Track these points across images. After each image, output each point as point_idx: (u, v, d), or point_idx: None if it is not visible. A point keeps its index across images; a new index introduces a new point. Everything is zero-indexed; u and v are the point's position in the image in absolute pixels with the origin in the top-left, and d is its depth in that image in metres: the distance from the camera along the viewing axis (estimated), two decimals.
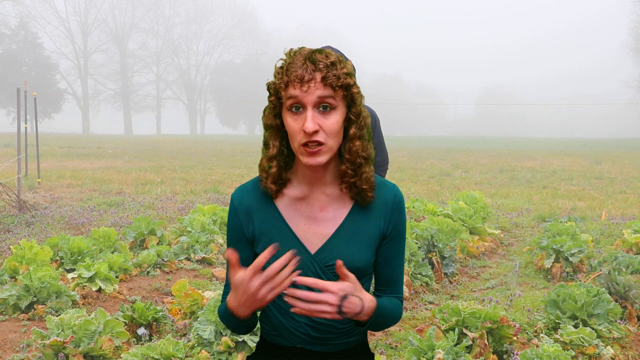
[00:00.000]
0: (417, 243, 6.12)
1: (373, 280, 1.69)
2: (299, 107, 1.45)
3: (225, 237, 7.75)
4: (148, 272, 6.11)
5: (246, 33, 77.06)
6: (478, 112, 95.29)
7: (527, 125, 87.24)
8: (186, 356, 3.78)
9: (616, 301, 4.65)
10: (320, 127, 1.45)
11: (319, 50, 1.49)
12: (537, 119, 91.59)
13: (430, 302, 5.47)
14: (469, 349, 3.72)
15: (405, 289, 5.47)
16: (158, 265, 6.29)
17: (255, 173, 17.59)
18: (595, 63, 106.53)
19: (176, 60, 74.26)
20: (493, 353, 3.82)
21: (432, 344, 3.56)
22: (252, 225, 1.58)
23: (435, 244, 6.27)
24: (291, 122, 1.46)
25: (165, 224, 7.89)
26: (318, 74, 1.44)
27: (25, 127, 12.68)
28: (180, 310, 4.57)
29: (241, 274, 1.38)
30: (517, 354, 3.63)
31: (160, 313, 4.42)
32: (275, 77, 1.49)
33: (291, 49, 1.51)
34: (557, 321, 4.31)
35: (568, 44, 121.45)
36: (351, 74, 1.49)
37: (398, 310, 1.63)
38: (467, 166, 21.47)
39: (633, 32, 54.38)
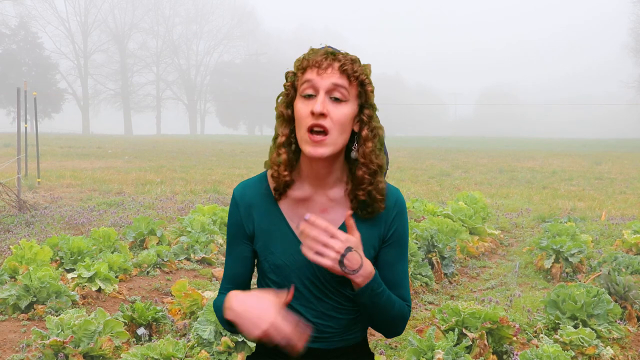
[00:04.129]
0: (417, 243, 6.12)
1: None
2: (311, 94, 1.47)
3: (225, 237, 7.71)
4: (148, 272, 6.11)
5: (246, 33, 77.06)
6: (478, 112, 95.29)
7: (527, 125, 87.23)
8: (186, 356, 3.78)
9: (616, 301, 4.65)
10: (328, 113, 1.45)
11: (338, 51, 1.54)
12: (537, 119, 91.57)
13: (430, 303, 5.47)
14: (468, 349, 3.72)
15: None
16: (158, 265, 6.29)
17: (254, 173, 17.55)
18: (595, 65, 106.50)
19: (176, 60, 74.28)
20: (493, 353, 3.82)
21: (432, 344, 3.56)
22: (252, 221, 1.59)
23: (435, 244, 6.28)
24: (301, 107, 1.48)
25: (165, 224, 7.89)
26: (336, 63, 1.47)
27: (25, 127, 12.69)
28: (180, 311, 4.57)
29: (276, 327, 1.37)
30: (516, 355, 3.63)
31: (160, 313, 4.42)
32: (294, 65, 1.52)
33: (311, 47, 1.55)
34: (556, 321, 4.31)
35: (568, 46, 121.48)
36: (368, 75, 1.51)
37: (402, 308, 1.59)
38: (467, 166, 21.48)
39: (633, 33, 54.37)
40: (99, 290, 5.33)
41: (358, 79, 1.48)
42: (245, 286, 1.65)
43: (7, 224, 8.56)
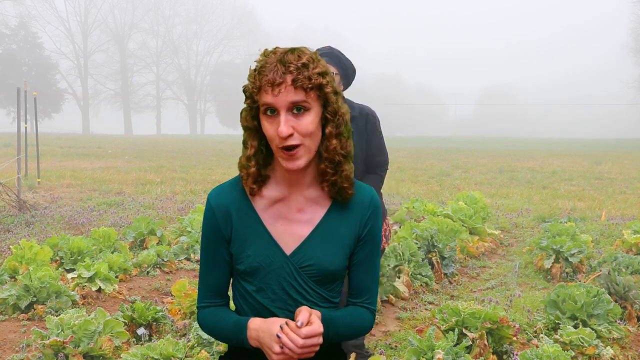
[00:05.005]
0: (417, 243, 6.12)
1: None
2: (273, 110, 1.46)
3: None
4: (148, 272, 6.11)
5: (246, 33, 77.03)
6: (478, 112, 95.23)
7: (527, 125, 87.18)
8: (186, 356, 3.78)
9: (616, 301, 4.65)
10: (294, 129, 1.45)
11: (292, 50, 1.48)
12: (537, 119, 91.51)
13: (430, 303, 5.47)
14: (468, 349, 3.72)
15: (405, 289, 5.47)
16: (158, 265, 6.29)
17: None
18: (595, 65, 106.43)
19: (176, 60, 74.26)
20: (493, 353, 3.82)
21: (432, 344, 3.56)
22: (230, 225, 1.58)
23: (435, 244, 6.28)
24: (267, 126, 1.48)
25: (165, 224, 7.89)
26: (289, 77, 1.43)
27: (25, 127, 12.68)
28: (180, 311, 4.57)
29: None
30: (516, 355, 3.63)
31: (160, 313, 4.42)
32: (249, 80, 1.49)
33: (265, 49, 1.52)
34: (556, 321, 4.31)
35: (568, 46, 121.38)
36: (324, 73, 1.48)
37: (363, 323, 1.62)
38: (467, 166, 21.47)
39: (633, 33, 54.35)
40: (99, 290, 5.33)
41: (314, 87, 1.46)
42: (226, 293, 1.64)
43: (7, 224, 8.56)
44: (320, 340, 1.45)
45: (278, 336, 1.43)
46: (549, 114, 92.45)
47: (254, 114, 1.52)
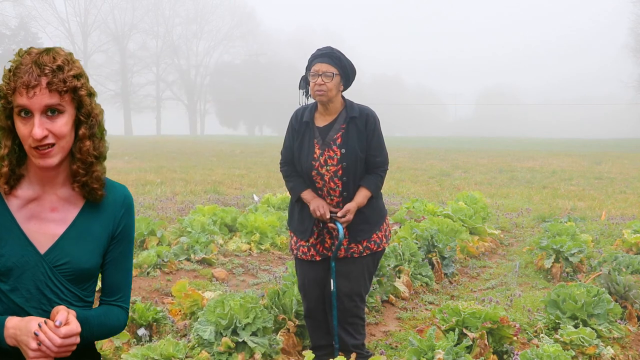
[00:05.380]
0: (417, 243, 6.12)
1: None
2: (27, 111, 1.47)
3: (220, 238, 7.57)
4: (148, 273, 6.11)
5: (246, 34, 77.01)
6: (478, 113, 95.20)
7: (527, 126, 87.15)
8: (186, 357, 3.78)
9: (616, 301, 4.65)
10: (49, 131, 1.47)
11: (47, 51, 1.51)
12: (537, 120, 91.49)
13: (431, 303, 5.47)
14: (469, 349, 3.72)
15: (405, 289, 5.47)
16: (158, 266, 6.29)
17: (254, 173, 17.58)
18: (596, 65, 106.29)
19: (176, 61, 74.25)
20: (493, 353, 3.82)
21: (432, 344, 3.56)
22: None
23: (435, 244, 6.28)
24: (21, 127, 1.49)
25: (165, 224, 7.89)
26: (44, 79, 1.45)
27: None
28: (180, 311, 4.57)
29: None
30: (517, 354, 3.63)
31: (161, 314, 4.42)
32: (3, 80, 1.50)
33: (20, 49, 1.53)
34: (557, 321, 4.31)
35: (567, 47, 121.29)
36: (79, 75, 1.51)
37: (117, 322, 1.66)
38: (467, 166, 21.47)
39: (633, 33, 54.33)
40: (99, 290, 5.32)
41: (68, 90, 1.48)
42: None
43: None
44: (77, 339, 1.47)
45: (36, 334, 1.43)
46: (549, 114, 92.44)
47: (8, 114, 1.52)
